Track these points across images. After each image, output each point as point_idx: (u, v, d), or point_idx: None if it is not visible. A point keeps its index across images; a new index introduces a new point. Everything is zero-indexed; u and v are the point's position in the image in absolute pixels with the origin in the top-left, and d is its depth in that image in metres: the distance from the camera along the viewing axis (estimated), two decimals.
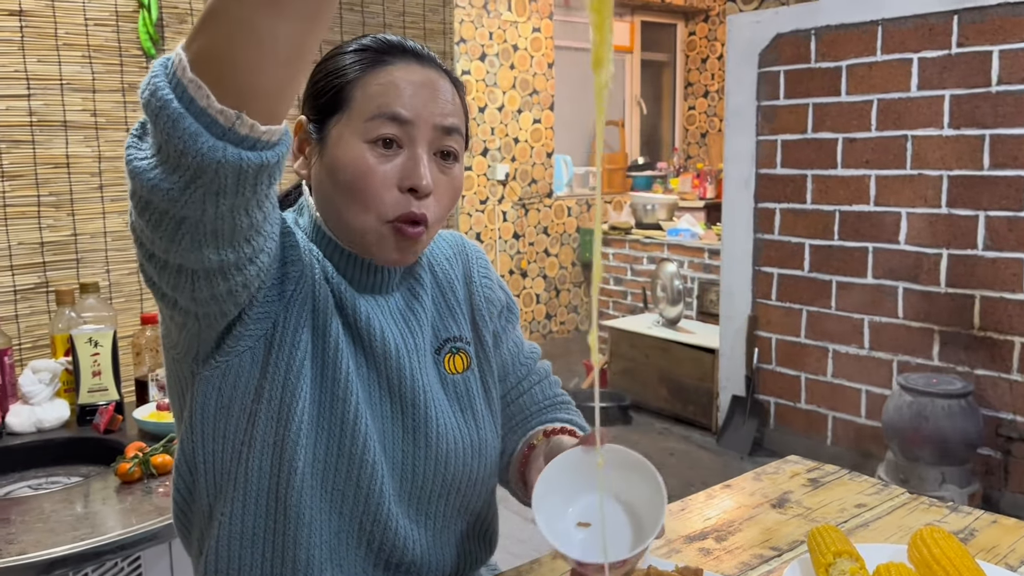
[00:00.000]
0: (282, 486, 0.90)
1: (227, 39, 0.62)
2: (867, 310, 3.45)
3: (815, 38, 3.52)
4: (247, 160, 0.66)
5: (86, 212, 2.16)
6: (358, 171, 0.89)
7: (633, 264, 4.99)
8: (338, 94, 0.92)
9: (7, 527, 1.34)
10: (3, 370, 1.76)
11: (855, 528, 1.13)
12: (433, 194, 0.92)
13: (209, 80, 0.63)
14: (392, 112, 0.89)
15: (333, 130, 0.92)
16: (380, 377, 0.96)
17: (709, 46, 6.96)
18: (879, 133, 3.34)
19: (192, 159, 0.64)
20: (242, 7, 0.61)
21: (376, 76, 0.92)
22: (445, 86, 0.95)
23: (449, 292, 1.06)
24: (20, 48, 2.02)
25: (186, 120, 0.63)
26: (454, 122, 0.94)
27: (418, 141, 0.91)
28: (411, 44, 0.96)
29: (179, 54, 0.64)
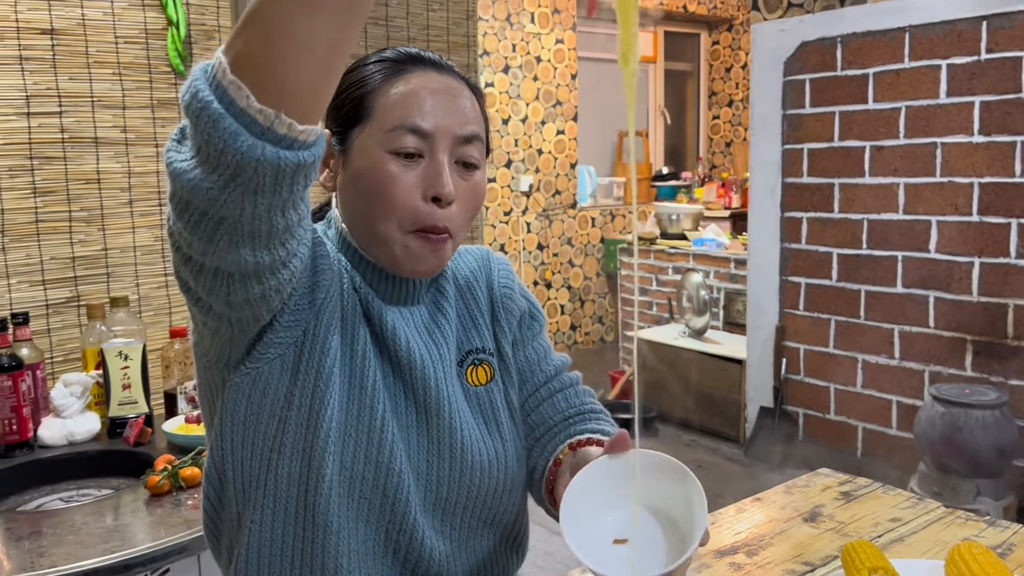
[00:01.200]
0: (311, 494, 0.90)
1: (265, 39, 0.64)
2: (897, 320, 3.40)
3: (841, 46, 3.49)
4: (285, 159, 0.67)
5: (116, 227, 2.19)
6: (381, 180, 0.90)
7: (658, 275, 4.97)
8: (359, 105, 0.94)
9: (38, 539, 1.35)
10: (35, 383, 1.78)
11: (890, 543, 1.11)
12: (456, 202, 0.93)
13: (249, 81, 0.64)
14: (412, 124, 0.91)
15: (356, 141, 0.94)
16: (406, 387, 0.96)
17: (733, 55, 6.93)
18: (907, 140, 3.30)
19: (232, 158, 0.66)
20: (280, 7, 0.63)
21: (395, 85, 0.93)
22: (464, 94, 0.96)
23: (472, 304, 1.07)
24: (52, 66, 2.06)
25: (226, 120, 0.64)
26: (474, 130, 0.95)
27: (439, 151, 0.92)
28: (429, 54, 0.98)
29: (219, 57, 0.66)
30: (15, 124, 2.01)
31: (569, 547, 0.77)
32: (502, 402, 1.04)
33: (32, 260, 2.05)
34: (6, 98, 2.00)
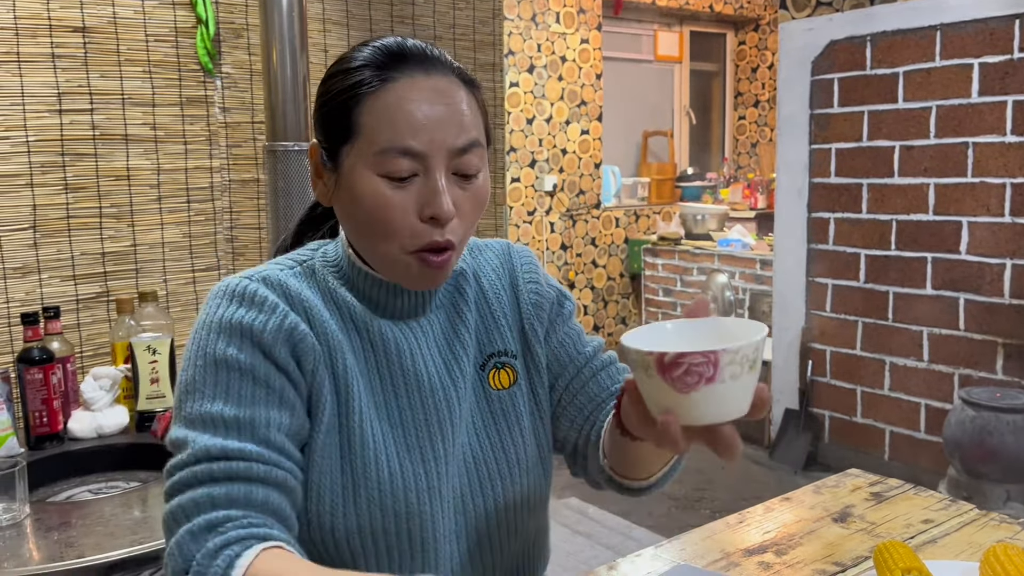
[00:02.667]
0: (329, 549, 0.90)
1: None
2: (926, 322, 3.36)
3: (871, 44, 3.45)
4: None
5: (145, 223, 2.21)
6: (376, 205, 0.86)
7: (683, 275, 4.94)
8: (346, 121, 0.88)
9: (68, 530, 1.37)
10: (66, 377, 1.81)
11: (922, 544, 1.09)
12: (457, 215, 0.89)
13: None
14: (402, 146, 0.85)
15: (346, 160, 0.88)
16: (426, 413, 0.94)
17: (759, 55, 6.88)
18: (938, 140, 3.26)
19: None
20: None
21: (380, 98, 0.86)
22: (457, 94, 0.89)
23: (496, 304, 1.03)
24: (84, 64, 2.08)
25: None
26: (470, 138, 0.88)
27: (434, 169, 0.86)
28: (412, 46, 0.90)
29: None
30: (47, 121, 2.04)
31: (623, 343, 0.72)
32: (525, 405, 1.01)
33: (63, 255, 2.08)
34: (39, 95, 2.02)
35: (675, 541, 1.12)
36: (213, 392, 0.83)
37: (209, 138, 2.31)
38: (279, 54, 2.15)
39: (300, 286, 0.92)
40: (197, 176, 2.30)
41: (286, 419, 0.85)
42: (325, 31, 2.51)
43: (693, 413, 0.70)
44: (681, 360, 0.68)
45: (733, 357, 0.68)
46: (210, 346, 0.85)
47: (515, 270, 1.06)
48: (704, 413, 0.70)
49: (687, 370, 0.68)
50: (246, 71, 2.36)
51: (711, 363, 0.67)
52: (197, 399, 0.83)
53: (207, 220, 2.33)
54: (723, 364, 0.67)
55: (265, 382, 0.84)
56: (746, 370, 0.69)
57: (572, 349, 1.06)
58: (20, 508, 1.39)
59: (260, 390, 0.84)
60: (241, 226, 2.39)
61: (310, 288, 0.93)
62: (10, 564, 1.26)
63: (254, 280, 0.90)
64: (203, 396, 0.83)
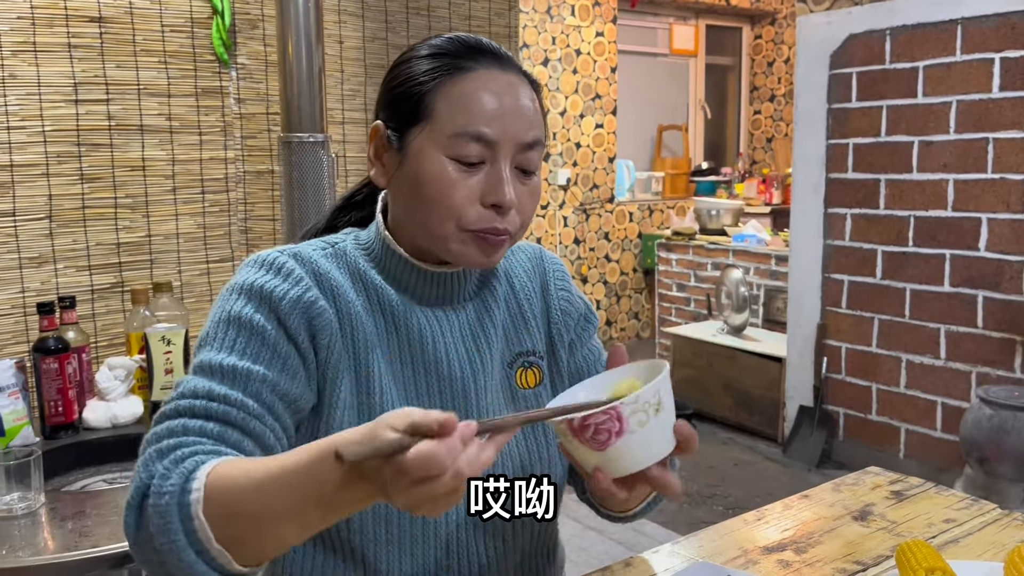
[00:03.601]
0: (342, 531, 0.91)
1: (259, 540, 0.73)
2: (944, 319, 3.33)
3: (890, 38, 3.41)
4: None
5: (160, 214, 2.21)
6: (441, 186, 0.88)
7: (697, 270, 4.91)
8: (417, 104, 0.90)
9: (82, 520, 1.37)
10: (81, 366, 1.81)
11: (944, 544, 1.07)
12: (515, 207, 0.91)
13: (233, 552, 0.73)
14: (476, 132, 0.87)
15: (414, 142, 0.90)
16: (444, 399, 0.95)
17: (775, 49, 6.83)
18: (958, 136, 3.22)
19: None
20: (279, 527, 0.71)
21: (457, 84, 0.89)
22: (526, 92, 0.92)
23: (526, 305, 1.04)
24: (100, 54, 2.08)
25: (208, 573, 0.73)
26: (536, 135, 0.91)
27: (501, 158, 0.89)
28: (488, 44, 0.94)
29: (204, 527, 0.71)
30: (64, 111, 2.04)
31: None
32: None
33: (78, 245, 2.08)
34: (55, 85, 2.02)
35: (692, 538, 1.11)
36: (221, 345, 0.86)
37: (224, 129, 2.31)
38: (295, 45, 2.14)
39: (329, 266, 0.93)
40: (212, 167, 2.30)
41: (284, 383, 0.86)
42: (340, 22, 2.50)
43: (616, 465, 0.73)
44: (588, 422, 0.71)
45: (634, 407, 0.70)
46: (229, 305, 0.88)
47: (546, 275, 1.08)
48: (627, 464, 0.73)
49: (596, 429, 0.71)
50: (261, 62, 2.35)
51: (615, 418, 0.70)
52: (206, 351, 0.86)
53: (221, 211, 2.33)
54: (627, 415, 0.70)
55: (273, 345, 0.86)
56: (652, 415, 0.71)
57: (592, 368, 1.08)
58: (35, 497, 1.39)
59: (266, 351, 0.86)
60: (255, 217, 2.39)
61: (339, 269, 0.94)
62: (25, 553, 1.26)
63: (285, 254, 0.92)
64: (211, 348, 0.86)
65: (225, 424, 0.81)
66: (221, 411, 0.81)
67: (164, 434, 0.80)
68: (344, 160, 2.57)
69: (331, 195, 2.17)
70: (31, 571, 1.24)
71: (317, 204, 2.13)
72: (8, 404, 1.60)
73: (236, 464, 0.75)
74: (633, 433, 0.71)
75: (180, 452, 0.77)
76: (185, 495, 0.72)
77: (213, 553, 0.72)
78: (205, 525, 0.72)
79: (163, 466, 0.75)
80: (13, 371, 1.63)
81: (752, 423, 4.17)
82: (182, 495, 0.72)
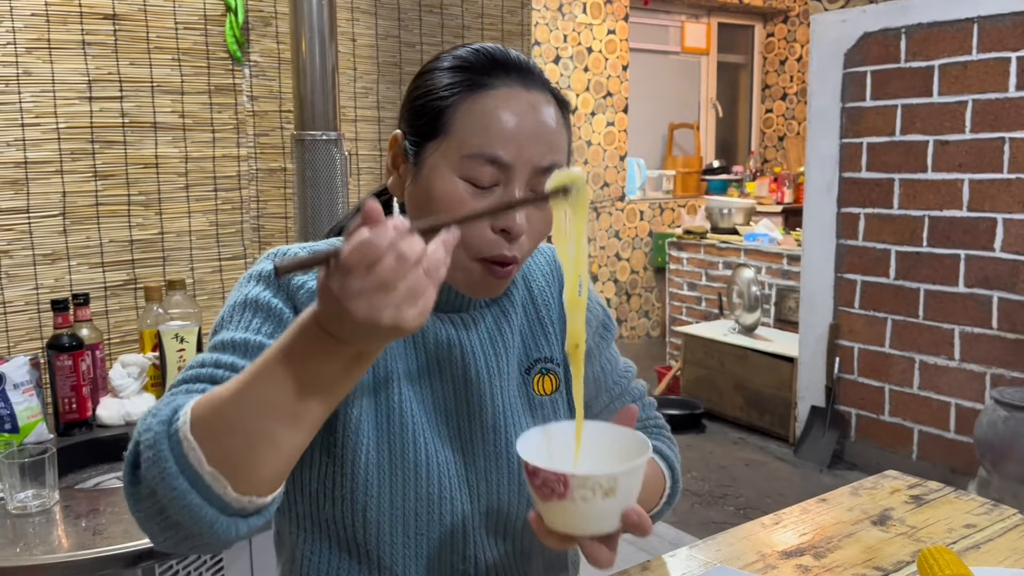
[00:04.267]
0: (358, 532, 0.90)
1: (248, 449, 0.69)
2: (958, 320, 3.30)
3: (905, 37, 3.38)
4: (252, 527, 0.74)
5: (172, 211, 2.21)
6: (451, 207, 0.85)
7: (708, 269, 4.89)
8: (436, 119, 0.87)
9: (96, 518, 1.37)
10: (94, 363, 1.81)
11: (965, 550, 1.06)
12: (526, 232, 0.88)
13: (226, 474, 0.69)
14: (491, 154, 0.84)
15: (429, 157, 0.87)
16: (459, 402, 0.94)
17: (788, 47, 6.80)
18: (974, 135, 3.19)
19: (207, 537, 0.71)
20: (264, 424, 0.68)
21: (476, 102, 0.86)
22: (549, 113, 0.88)
23: (543, 310, 1.02)
24: (113, 51, 2.08)
25: (205, 509, 0.69)
26: (554, 160, 0.87)
27: (515, 182, 0.85)
28: (515, 58, 0.90)
29: (191, 443, 0.68)
30: (78, 108, 2.04)
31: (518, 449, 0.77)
32: (565, 414, 1.01)
33: (92, 242, 2.08)
34: (69, 82, 2.02)
35: (710, 541, 1.10)
36: (236, 326, 0.85)
37: (237, 126, 2.31)
38: (308, 42, 2.13)
39: None
40: (224, 164, 2.29)
41: None
42: (353, 20, 2.49)
43: (551, 519, 0.74)
44: (537, 472, 0.72)
45: (583, 482, 0.71)
46: (246, 290, 0.88)
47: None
48: (560, 524, 0.74)
49: (543, 482, 0.72)
50: (274, 59, 2.35)
51: (561, 482, 0.71)
52: (219, 333, 0.86)
53: (234, 209, 2.33)
54: (573, 487, 0.71)
55: (286, 327, 0.83)
56: (599, 496, 0.71)
57: (609, 376, 1.08)
58: (50, 495, 1.39)
59: (279, 331, 0.84)
60: (268, 215, 2.39)
61: None
62: (39, 551, 1.26)
63: (305, 250, 0.92)
64: (225, 330, 0.86)
65: None
66: (226, 377, 0.78)
67: (168, 398, 0.79)
68: (356, 158, 2.56)
69: (344, 193, 2.16)
70: (45, 569, 1.24)
71: (330, 202, 2.13)
72: (22, 401, 1.61)
73: (218, 386, 0.73)
74: (574, 502, 0.72)
75: (171, 400, 0.76)
76: (173, 423, 0.70)
77: (207, 479, 0.68)
78: (194, 444, 0.69)
79: (151, 412, 0.74)
80: (27, 368, 1.63)
81: (763, 423, 4.15)
82: (170, 424, 0.70)
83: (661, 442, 1.08)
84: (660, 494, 1.03)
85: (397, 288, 0.60)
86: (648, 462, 1.00)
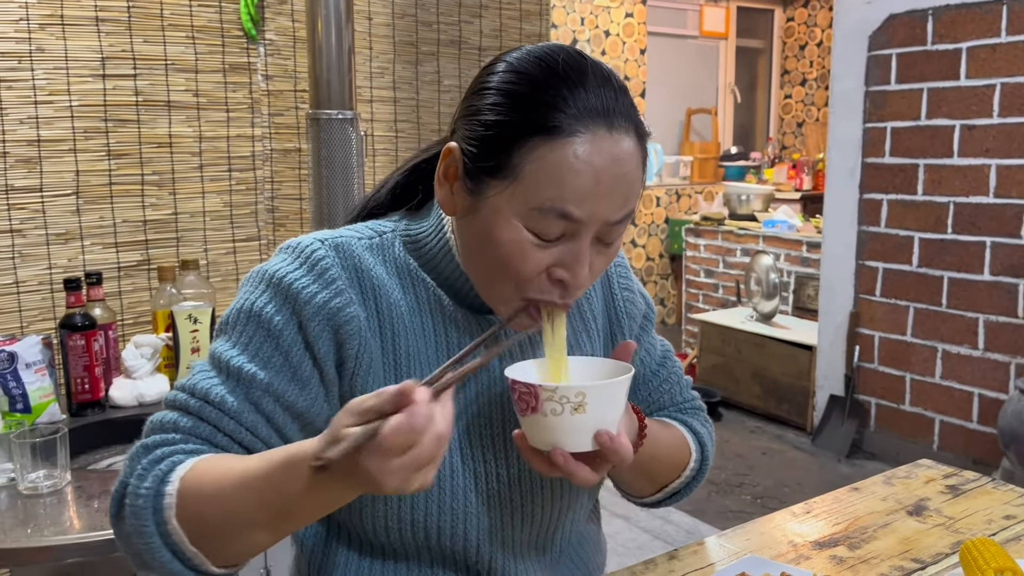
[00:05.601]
0: (379, 535, 0.88)
1: (227, 540, 0.75)
2: (982, 308, 3.24)
3: (932, 18, 3.31)
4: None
5: (186, 191, 2.18)
6: (512, 254, 0.78)
7: (726, 256, 4.83)
8: (504, 157, 0.77)
9: (108, 499, 1.34)
10: (107, 344, 1.79)
11: (1006, 542, 1.02)
12: (584, 284, 0.82)
13: (207, 552, 0.75)
14: (563, 211, 0.76)
15: (492, 197, 0.79)
16: (492, 405, 0.90)
17: (808, 32, 6.70)
18: (1002, 120, 3.12)
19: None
20: (244, 529, 0.73)
21: (552, 150, 0.75)
22: (630, 160, 0.78)
23: (585, 306, 0.98)
24: (127, 28, 2.05)
25: (185, 572, 0.75)
26: (628, 210, 0.80)
27: (583, 236, 0.78)
28: (599, 84, 0.78)
29: (177, 530, 0.74)
30: (91, 86, 2.01)
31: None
32: None
33: (105, 222, 2.06)
34: (83, 59, 1.99)
35: (739, 530, 1.06)
36: (237, 339, 0.83)
37: (251, 106, 2.27)
38: (324, 21, 2.09)
39: (373, 261, 0.87)
40: (239, 144, 2.26)
41: (291, 394, 0.82)
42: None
43: (530, 435, 0.78)
44: (514, 386, 0.77)
45: (551, 395, 0.74)
46: (255, 295, 0.85)
47: (609, 274, 1.02)
48: (537, 438, 0.78)
49: (519, 396, 0.76)
50: (289, 38, 2.31)
51: (532, 395, 0.75)
52: (223, 339, 0.85)
53: (248, 189, 2.30)
54: (542, 399, 0.74)
55: (286, 351, 0.82)
56: (568, 411, 0.75)
57: (647, 369, 1.04)
58: (61, 475, 1.37)
59: (278, 356, 0.82)
60: (282, 196, 2.36)
61: (384, 264, 0.88)
62: (51, 532, 1.24)
63: (326, 245, 0.86)
64: (228, 339, 0.84)
65: (216, 429, 0.80)
66: (214, 416, 0.80)
67: (157, 427, 0.81)
68: (372, 139, 2.52)
69: (359, 174, 2.13)
70: (56, 550, 1.22)
71: (345, 183, 2.09)
72: (35, 380, 1.58)
73: (210, 466, 0.75)
74: (545, 416, 0.75)
75: (161, 451, 0.78)
76: (159, 499, 0.74)
77: (188, 554, 0.74)
78: (179, 529, 0.74)
79: (142, 466, 0.77)
80: (40, 347, 1.61)
81: (781, 412, 4.11)
82: (156, 498, 0.74)
83: (696, 420, 1.04)
84: (683, 466, 0.99)
85: (426, 459, 0.64)
86: (676, 435, 0.97)
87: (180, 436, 0.79)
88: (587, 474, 0.78)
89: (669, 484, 0.99)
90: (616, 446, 0.76)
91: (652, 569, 0.96)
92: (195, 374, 0.83)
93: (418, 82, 2.57)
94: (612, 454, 0.76)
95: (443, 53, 2.58)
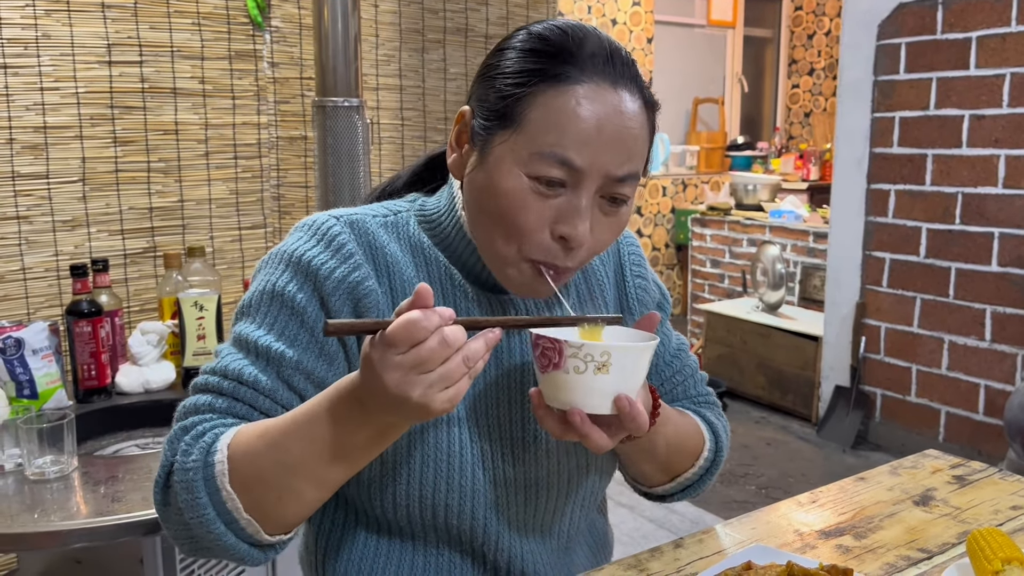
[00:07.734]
0: (387, 512, 0.89)
1: (276, 500, 0.75)
2: (990, 300, 3.22)
3: (942, 7, 3.28)
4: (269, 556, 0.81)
5: (192, 179, 2.18)
6: (512, 205, 0.79)
7: (732, 246, 4.82)
8: (509, 107, 0.80)
9: (115, 485, 1.35)
10: (114, 331, 1.79)
11: (1014, 532, 1.02)
12: (588, 241, 0.82)
13: (259, 518, 0.76)
14: (563, 157, 0.77)
15: (497, 147, 0.80)
16: (499, 386, 0.90)
17: (816, 21, 6.66)
18: (1012, 110, 3.10)
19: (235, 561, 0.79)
20: (294, 479, 0.74)
21: (555, 96, 0.78)
22: (634, 117, 0.80)
23: (597, 291, 0.98)
24: (133, 14, 2.04)
25: (240, 547, 0.76)
26: (631, 169, 0.80)
27: (584, 188, 0.79)
28: (606, 44, 0.80)
29: (228, 491, 0.74)
30: (97, 72, 2.01)
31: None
32: None
33: (111, 209, 2.06)
34: (89, 45, 1.99)
35: (745, 519, 1.06)
36: (262, 320, 0.84)
37: (257, 93, 2.27)
38: (330, 8, 2.09)
39: (388, 239, 0.88)
40: (244, 132, 2.26)
41: (320, 369, 0.83)
42: None
43: (548, 392, 0.77)
44: (538, 341, 0.75)
45: (576, 351, 0.73)
46: (275, 276, 0.85)
47: (621, 259, 1.02)
48: (552, 397, 0.77)
49: (542, 352, 0.75)
50: (295, 25, 2.31)
51: (556, 351, 0.74)
52: (247, 321, 0.85)
53: (254, 177, 2.30)
54: (566, 355, 0.73)
55: (312, 328, 0.83)
56: (591, 370, 0.73)
57: (660, 359, 1.04)
58: (68, 461, 1.38)
59: (304, 334, 0.83)
60: (288, 184, 2.36)
61: (399, 241, 0.89)
62: (58, 517, 1.24)
63: (341, 221, 0.87)
64: (252, 321, 0.84)
65: (251, 408, 0.81)
66: (248, 396, 0.81)
67: (191, 410, 0.81)
68: (378, 127, 2.52)
69: (365, 162, 2.12)
70: (63, 535, 1.22)
71: (351, 170, 2.09)
72: (41, 367, 1.59)
73: (252, 428, 0.76)
74: (567, 374, 0.74)
75: (202, 427, 0.78)
76: (209, 468, 0.74)
77: (242, 523, 0.74)
78: (233, 495, 0.74)
79: (185, 442, 0.77)
80: (46, 334, 1.61)
81: (786, 402, 4.10)
82: (206, 468, 0.74)
83: (711, 413, 1.04)
84: (697, 455, 0.99)
85: (433, 369, 0.65)
86: (691, 422, 0.97)
87: (217, 417, 0.80)
88: (601, 438, 0.77)
89: (683, 474, 0.99)
90: (634, 412, 0.75)
91: (658, 557, 0.96)
92: (223, 357, 0.83)
93: (424, 70, 2.56)
94: (629, 420, 0.75)
95: (449, 41, 2.57)
